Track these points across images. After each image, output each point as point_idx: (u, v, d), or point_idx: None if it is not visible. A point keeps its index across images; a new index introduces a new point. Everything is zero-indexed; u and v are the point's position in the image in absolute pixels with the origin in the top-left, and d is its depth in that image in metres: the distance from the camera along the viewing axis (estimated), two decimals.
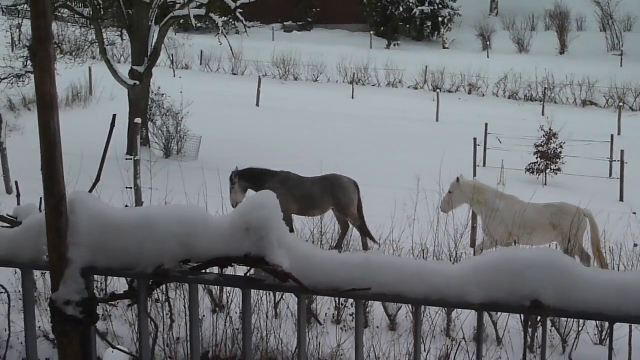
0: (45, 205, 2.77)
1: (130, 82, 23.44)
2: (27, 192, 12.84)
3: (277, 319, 9.55)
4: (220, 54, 39.53)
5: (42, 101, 2.73)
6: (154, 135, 24.23)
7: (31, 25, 2.75)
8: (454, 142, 25.48)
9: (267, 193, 2.74)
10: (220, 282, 2.79)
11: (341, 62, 41.54)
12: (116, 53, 36.26)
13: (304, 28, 56.40)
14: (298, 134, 26.68)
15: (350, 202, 14.24)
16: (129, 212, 2.88)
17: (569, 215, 12.84)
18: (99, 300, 2.92)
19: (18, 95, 28.12)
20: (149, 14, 23.53)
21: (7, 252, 2.97)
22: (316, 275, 2.66)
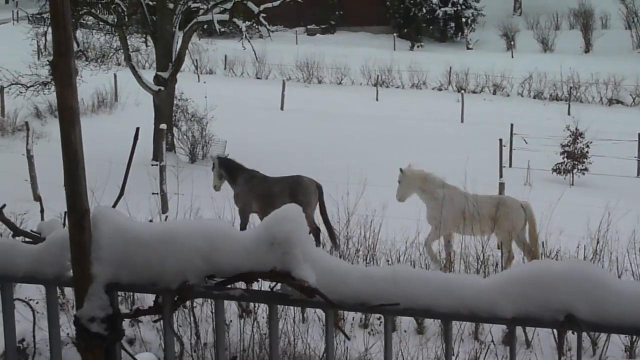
0: (68, 220, 2.74)
1: (155, 88, 23.50)
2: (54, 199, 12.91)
3: (304, 323, 9.51)
4: (244, 58, 39.60)
5: (64, 115, 2.71)
6: (179, 141, 24.29)
7: (52, 38, 2.73)
8: (479, 142, 25.37)
9: (293, 206, 2.70)
10: (245, 297, 2.74)
11: (365, 64, 41.46)
12: (141, 59, 36.41)
13: (327, 31, 56.38)
14: (323, 137, 26.65)
15: (307, 203, 14.09)
16: (152, 226, 2.85)
17: (507, 208, 13.00)
18: (124, 315, 2.89)
19: (44, 103, 28.29)
20: (172, 20, 23.59)
21: (31, 268, 2.94)
22: (342, 289, 2.61)
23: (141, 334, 8.77)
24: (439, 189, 13.41)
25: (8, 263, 2.98)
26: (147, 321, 9.10)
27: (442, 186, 13.52)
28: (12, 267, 2.97)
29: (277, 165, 21.65)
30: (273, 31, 26.70)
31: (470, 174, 14.49)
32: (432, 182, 13.72)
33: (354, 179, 14.53)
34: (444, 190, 13.36)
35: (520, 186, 19.29)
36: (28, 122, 21.30)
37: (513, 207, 13.06)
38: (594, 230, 11.52)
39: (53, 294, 3.03)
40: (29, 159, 18.89)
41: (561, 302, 2.36)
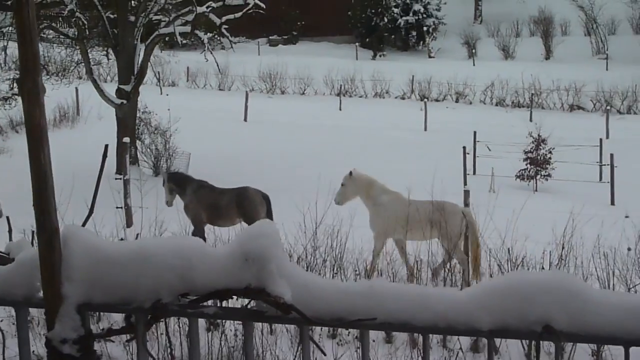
0: (38, 240, 2.70)
1: (118, 101, 23.36)
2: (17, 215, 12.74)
3: (272, 335, 9.45)
4: (206, 70, 39.46)
5: (32, 134, 2.66)
6: (142, 154, 24.13)
7: (19, 55, 2.68)
8: (443, 150, 25.48)
9: (266, 222, 2.68)
10: (220, 315, 2.71)
11: (328, 74, 41.50)
12: (102, 72, 36.16)
13: (290, 41, 56.40)
14: (287, 148, 26.62)
15: (255, 214, 14.22)
16: (124, 245, 2.81)
17: (446, 213, 13.07)
18: (96, 336, 2.84)
19: (5, 118, 27.99)
20: (134, 32, 23.47)
21: (0, 290, 2.89)
22: (318, 305, 2.59)
23: (108, 351, 8.67)
24: (383, 195, 13.63)
25: None
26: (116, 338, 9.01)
27: (385, 192, 13.74)
28: None
29: (242, 176, 21.57)
30: (235, 42, 26.67)
31: (435, 182, 14.53)
32: (377, 188, 13.90)
33: (321, 189, 14.53)
34: (387, 196, 13.60)
35: (485, 193, 19.40)
36: None
37: (452, 213, 13.21)
38: (559, 235, 11.58)
39: (23, 316, 2.98)
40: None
41: (539, 313, 2.36)
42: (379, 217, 13.46)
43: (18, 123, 28.71)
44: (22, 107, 2.67)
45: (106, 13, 23.60)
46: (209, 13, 23.06)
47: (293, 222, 13.77)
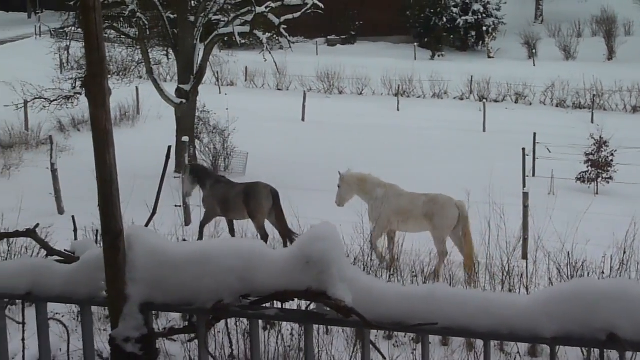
0: (103, 241, 2.75)
1: (177, 101, 23.59)
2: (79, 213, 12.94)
3: (328, 335, 9.47)
4: (264, 70, 39.62)
5: (98, 137, 2.71)
6: (201, 153, 24.33)
7: (85, 59, 2.73)
8: (502, 152, 25.25)
9: (327, 225, 2.68)
10: (280, 317, 2.73)
11: (385, 75, 41.37)
12: (162, 72, 36.55)
13: (347, 41, 56.38)
14: (344, 148, 26.61)
15: (258, 209, 14.74)
16: (187, 246, 2.85)
17: (439, 206, 13.44)
18: (158, 335, 2.88)
19: (67, 117, 28.46)
20: (193, 32, 23.68)
21: (66, 288, 2.95)
22: (378, 308, 2.60)
23: (166, 348, 8.77)
24: (378, 189, 13.99)
25: (43, 283, 2.98)
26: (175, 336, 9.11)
27: (380, 185, 14.10)
28: (47, 287, 2.98)
29: (299, 176, 21.67)
30: (294, 42, 26.71)
31: (493, 183, 14.42)
32: (371, 183, 14.27)
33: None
34: (383, 189, 13.99)
35: (544, 195, 19.20)
36: (52, 136, 21.41)
37: (446, 205, 13.48)
38: (620, 239, 11.41)
39: (88, 314, 3.04)
40: (53, 173, 18.99)
41: (603, 321, 2.33)
42: (376, 211, 13.78)
43: (80, 122, 29.18)
44: (84, 106, 2.72)
45: (166, 13, 23.85)
46: (267, 13, 23.16)
47: (349, 223, 13.80)
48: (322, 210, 14.37)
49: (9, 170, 22.84)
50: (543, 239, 11.83)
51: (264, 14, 23.08)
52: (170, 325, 8.00)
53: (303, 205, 13.39)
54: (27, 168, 23.02)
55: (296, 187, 15.72)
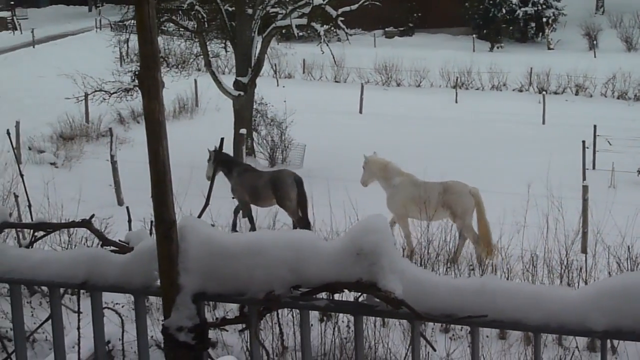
0: (155, 232, 2.78)
1: (235, 93, 23.75)
2: (137, 204, 13.13)
3: (384, 327, 9.48)
4: (322, 62, 39.67)
5: (151, 128, 2.73)
6: (258, 145, 24.49)
7: (139, 52, 2.76)
8: (561, 144, 24.93)
9: (378, 217, 2.68)
10: (331, 308, 2.74)
11: (444, 66, 41.14)
12: (220, 65, 36.79)
13: (406, 33, 56.15)
14: (402, 140, 26.53)
15: (285, 195, 15.28)
16: (238, 237, 2.87)
17: (455, 194, 13.74)
18: (210, 324, 2.91)
19: (127, 109, 28.83)
20: (251, 25, 23.80)
21: (120, 278, 3.00)
22: (429, 300, 2.59)
23: (223, 338, 8.86)
24: (397, 177, 14.35)
25: (98, 273, 3.04)
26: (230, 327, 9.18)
27: (399, 174, 14.45)
28: (102, 276, 3.03)
29: (356, 169, 21.64)
30: (351, 34, 26.68)
31: (552, 176, 14.26)
32: (390, 171, 14.62)
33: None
34: (400, 177, 14.38)
35: (605, 189, 18.93)
36: (112, 128, 21.73)
37: (460, 193, 13.77)
38: None
39: (141, 304, 3.08)
40: (112, 165, 19.27)
41: None
42: (393, 199, 14.24)
43: (139, 114, 29.53)
44: (141, 99, 2.75)
45: (224, 6, 24.01)
46: (325, 5, 23.19)
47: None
48: (380, 203, 14.37)
49: (70, 162, 23.24)
50: (603, 232, 11.68)
51: (322, 6, 23.11)
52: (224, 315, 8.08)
53: (361, 198, 13.37)
54: (88, 160, 23.40)
55: (354, 179, 15.70)
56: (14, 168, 13.24)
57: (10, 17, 64.26)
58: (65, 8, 73.40)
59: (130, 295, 3.71)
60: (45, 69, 39.86)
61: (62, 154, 23.83)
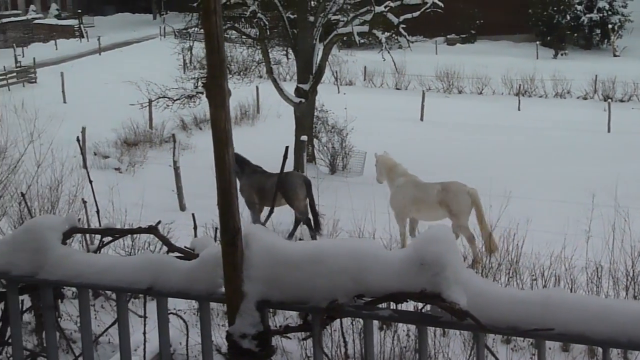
0: (221, 239, 2.81)
1: (296, 100, 23.83)
2: (199, 210, 13.26)
3: (444, 337, 9.41)
4: (383, 69, 39.63)
5: (217, 136, 2.76)
6: (319, 152, 24.54)
7: (206, 61, 2.80)
8: (628, 153, 24.54)
9: (442, 227, 2.67)
10: (394, 318, 2.73)
11: (506, 74, 40.81)
12: (282, 72, 37.00)
13: (467, 40, 55.85)
14: (464, 148, 26.36)
15: (294, 196, 15.82)
16: (302, 246, 2.88)
17: (452, 194, 14.03)
18: (274, 332, 2.93)
19: (190, 115, 29.14)
20: (313, 32, 23.89)
21: (185, 284, 3.03)
22: (493, 312, 2.57)
23: (282, 345, 8.89)
24: (400, 178, 14.76)
25: (163, 279, 3.07)
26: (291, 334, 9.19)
27: (402, 174, 14.94)
28: (167, 282, 3.07)
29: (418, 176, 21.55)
30: (413, 42, 26.63)
31: (618, 186, 14.03)
32: (396, 172, 15.06)
33: (497, 191, 14.33)
34: (403, 178, 14.79)
35: None
36: (175, 135, 21.96)
37: (457, 192, 14.05)
38: None
39: (206, 310, 3.11)
40: (175, 170, 19.48)
41: None
42: (395, 199, 14.67)
43: (201, 120, 29.84)
44: (205, 105, 2.78)
45: (286, 13, 24.14)
46: (387, 12, 23.18)
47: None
48: None
49: (134, 167, 23.56)
50: None
51: (383, 14, 23.11)
52: (286, 323, 8.10)
53: None
54: (151, 165, 23.68)
55: None
56: (79, 173, 13.48)
57: (77, 25, 65.56)
58: (130, 16, 74.58)
59: (191, 300, 3.75)
60: (111, 76, 40.57)
61: (126, 159, 24.18)
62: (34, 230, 3.40)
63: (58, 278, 3.29)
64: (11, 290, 3.47)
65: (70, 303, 8.25)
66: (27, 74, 43.29)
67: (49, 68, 45.63)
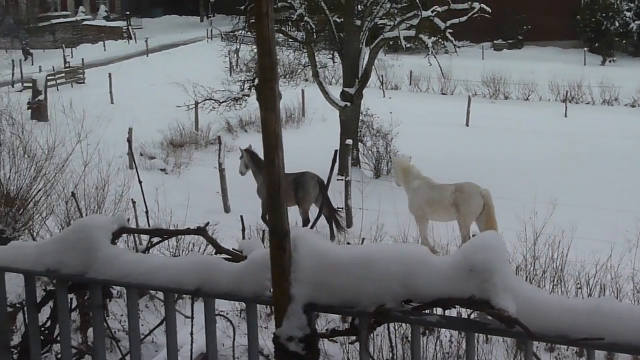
0: (269, 242, 2.82)
1: (342, 104, 23.83)
2: (243, 211, 13.31)
3: (487, 343, 9.34)
4: (429, 74, 39.50)
5: (268, 139, 2.78)
6: (364, 156, 24.50)
7: (257, 64, 2.81)
8: None
9: (492, 234, 2.66)
10: (442, 323, 2.72)
11: (553, 80, 40.44)
12: (327, 75, 37.03)
13: (514, 46, 55.44)
14: (509, 154, 26.17)
15: (305, 197, 16.17)
16: (349, 249, 2.89)
17: (466, 194, 14.34)
18: (320, 335, 2.93)
19: (235, 118, 29.27)
20: (359, 36, 23.87)
21: (233, 286, 3.05)
22: (542, 320, 2.55)
23: (325, 347, 8.88)
24: (416, 180, 15.04)
25: (211, 280, 3.09)
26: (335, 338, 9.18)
27: (417, 177, 15.18)
28: (215, 284, 3.09)
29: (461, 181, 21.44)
30: (459, 46, 26.45)
31: None
32: (411, 174, 15.24)
33: (542, 197, 14.20)
34: (418, 181, 15.04)
35: None
36: (220, 136, 22.08)
37: (471, 193, 14.35)
38: None
39: (253, 312, 3.12)
40: (220, 172, 19.57)
41: None
42: (412, 202, 14.94)
43: (247, 122, 29.96)
44: (251, 107, 2.80)
45: (333, 17, 24.15)
46: (433, 17, 23.09)
47: (512, 231, 13.54)
48: None
49: (179, 169, 23.72)
50: None
51: (430, 18, 23.02)
52: (327, 326, 8.11)
53: None
54: (196, 167, 23.83)
55: None
56: (125, 173, 13.61)
57: (125, 26, 66.27)
58: (178, 18, 75.16)
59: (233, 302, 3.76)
60: (157, 78, 40.92)
61: (172, 160, 24.35)
62: (84, 229, 3.44)
63: (107, 277, 3.33)
64: (60, 288, 3.52)
65: (115, 302, 8.33)
66: (75, 75, 43.85)
67: (97, 69, 46.17)
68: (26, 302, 3.68)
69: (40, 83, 33.00)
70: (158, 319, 7.38)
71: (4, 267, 3.68)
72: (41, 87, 32.64)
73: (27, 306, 3.68)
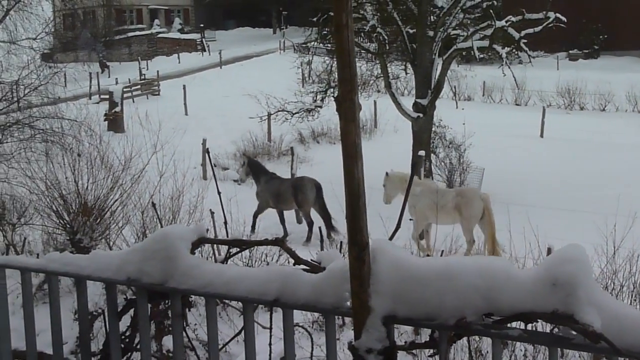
0: (349, 253, 2.81)
1: (414, 115, 23.73)
2: (316, 221, 13.31)
3: (562, 358, 9.16)
4: (502, 85, 39.13)
5: (347, 150, 2.77)
6: (436, 167, 24.34)
7: (337, 76, 2.81)
8: None
9: (576, 247, 2.61)
10: (524, 338, 2.68)
11: (630, 90, 39.66)
12: (400, 86, 36.93)
13: (590, 56, 54.58)
14: (585, 166, 25.73)
15: (304, 200, 17.07)
16: (429, 261, 2.86)
17: (467, 198, 14.92)
18: (399, 348, 2.91)
19: (307, 129, 29.39)
20: (432, 47, 23.76)
21: (311, 297, 3.05)
22: (628, 335, 2.49)
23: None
24: (416, 187, 15.31)
25: (289, 291, 3.10)
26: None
27: (419, 183, 15.66)
28: (293, 295, 3.09)
29: (537, 194, 21.16)
30: (534, 57, 26.13)
31: None
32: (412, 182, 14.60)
33: (622, 210, 13.91)
34: (419, 187, 15.41)
35: None
36: (293, 147, 22.18)
37: (471, 197, 14.98)
38: None
39: (332, 323, 3.12)
40: None
41: None
42: (414, 207, 15.20)
43: (319, 134, 30.05)
44: (323, 119, 2.80)
45: (405, 28, 24.08)
46: (508, 27, 22.85)
47: (590, 244, 13.24)
48: (563, 230, 13.97)
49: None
50: None
51: (504, 28, 22.79)
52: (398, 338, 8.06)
53: (542, 224, 13.03)
54: None
55: (534, 204, 15.39)
56: (199, 184, 13.75)
57: (199, 39, 67.18)
58: (251, 30, 75.89)
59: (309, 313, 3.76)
60: (231, 89, 41.33)
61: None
62: (165, 239, 3.48)
63: (187, 287, 3.36)
64: (141, 297, 3.56)
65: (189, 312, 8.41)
66: (150, 87, 44.60)
67: (172, 81, 46.87)
68: (107, 311, 3.73)
69: (117, 95, 33.61)
70: (231, 328, 7.43)
71: (85, 276, 3.75)
72: (118, 99, 33.25)
73: (108, 314, 3.73)
